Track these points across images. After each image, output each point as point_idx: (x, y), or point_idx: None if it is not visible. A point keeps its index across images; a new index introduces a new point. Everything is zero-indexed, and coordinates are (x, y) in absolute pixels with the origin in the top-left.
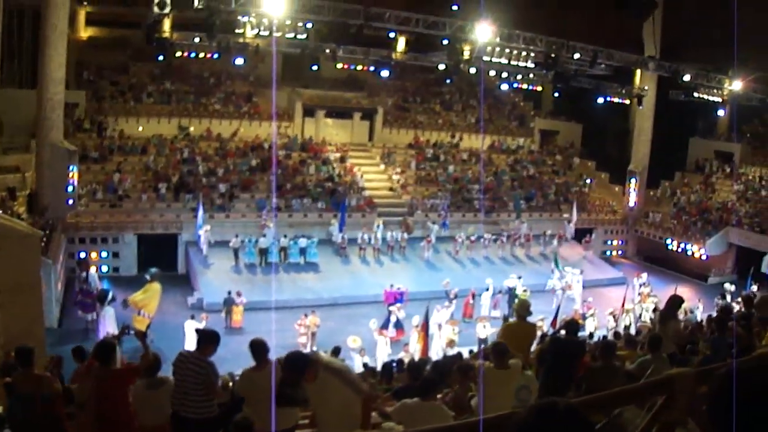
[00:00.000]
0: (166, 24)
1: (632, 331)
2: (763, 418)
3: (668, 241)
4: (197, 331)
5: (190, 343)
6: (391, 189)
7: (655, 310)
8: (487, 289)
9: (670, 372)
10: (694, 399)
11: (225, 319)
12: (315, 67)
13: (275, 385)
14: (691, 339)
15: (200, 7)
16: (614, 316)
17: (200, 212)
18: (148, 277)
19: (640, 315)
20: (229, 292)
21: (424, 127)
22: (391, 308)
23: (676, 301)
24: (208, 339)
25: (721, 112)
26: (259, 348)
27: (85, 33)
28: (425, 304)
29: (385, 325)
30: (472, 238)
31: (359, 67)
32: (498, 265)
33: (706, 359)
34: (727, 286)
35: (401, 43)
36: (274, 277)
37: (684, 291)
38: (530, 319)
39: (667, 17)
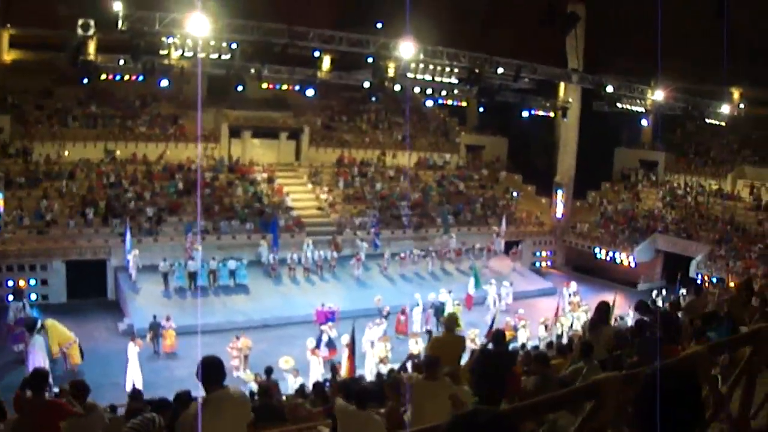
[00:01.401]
0: (91, 46)
1: (564, 340)
2: (683, 418)
3: (596, 250)
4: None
5: (133, 369)
6: (319, 208)
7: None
8: (418, 305)
9: (597, 377)
10: (623, 403)
11: (153, 344)
12: (240, 88)
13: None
14: (620, 344)
15: (124, 29)
16: (546, 326)
17: (128, 237)
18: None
19: (572, 324)
20: (155, 317)
21: (351, 146)
22: (323, 328)
23: (603, 308)
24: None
25: (644, 122)
26: (212, 369)
27: (8, 56)
28: (357, 322)
29: (317, 345)
30: (401, 255)
31: (284, 87)
32: (428, 280)
33: (634, 363)
34: (656, 292)
35: (326, 62)
36: (204, 301)
37: (613, 298)
38: (463, 332)
39: (589, 30)
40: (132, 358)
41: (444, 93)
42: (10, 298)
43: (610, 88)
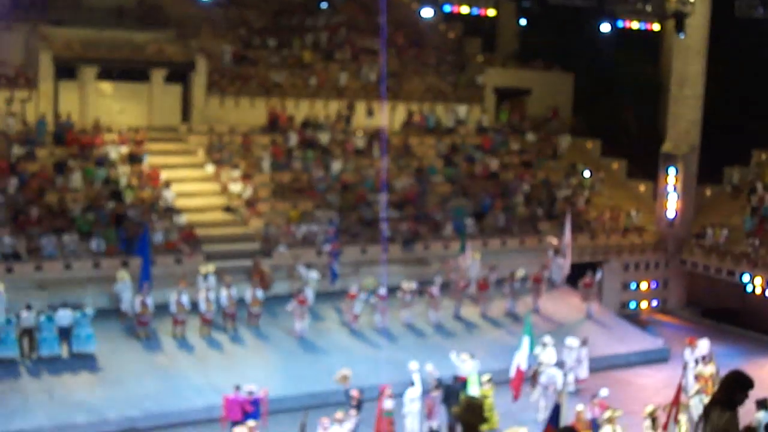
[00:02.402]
0: None
1: None
2: None
3: (745, 279)
4: None
5: None
6: (228, 209)
7: None
8: (413, 385)
9: None
10: None
11: None
12: None
13: None
14: None
15: None
16: (654, 420)
17: None
18: None
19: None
20: None
21: (285, 94)
22: (238, 431)
23: (732, 382)
24: None
25: None
26: None
27: None
28: (301, 416)
29: None
30: (380, 293)
31: None
32: (431, 337)
33: None
34: None
35: None
36: (13, 386)
37: None
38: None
39: None
40: None
41: None
42: None
43: None
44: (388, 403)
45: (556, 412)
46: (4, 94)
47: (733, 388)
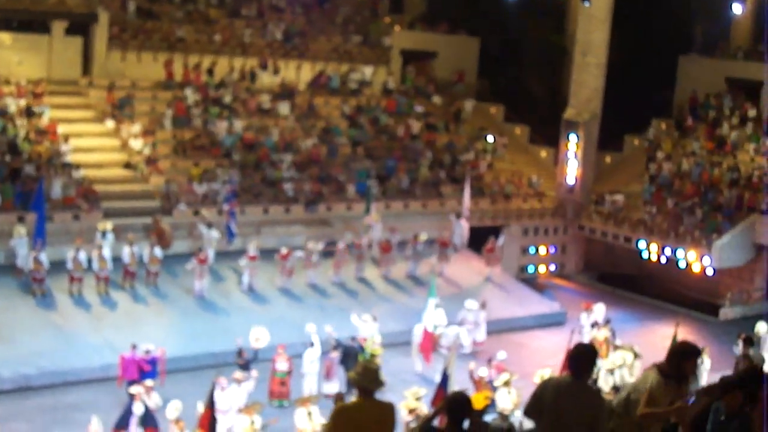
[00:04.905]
0: None
1: None
2: None
3: (641, 245)
4: None
5: None
6: (127, 165)
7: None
8: (312, 345)
9: None
10: None
11: None
12: None
13: None
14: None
15: None
16: None
17: None
18: None
19: (596, 380)
20: None
21: (188, 49)
22: (134, 390)
23: (682, 354)
24: None
25: (737, 8)
26: None
27: None
28: (202, 376)
29: (123, 424)
30: (282, 251)
31: None
32: (333, 297)
33: None
34: (760, 326)
35: None
36: None
37: (673, 331)
38: (387, 394)
39: None
40: None
41: None
42: None
43: None
44: (280, 364)
45: (445, 375)
46: None
47: (679, 360)
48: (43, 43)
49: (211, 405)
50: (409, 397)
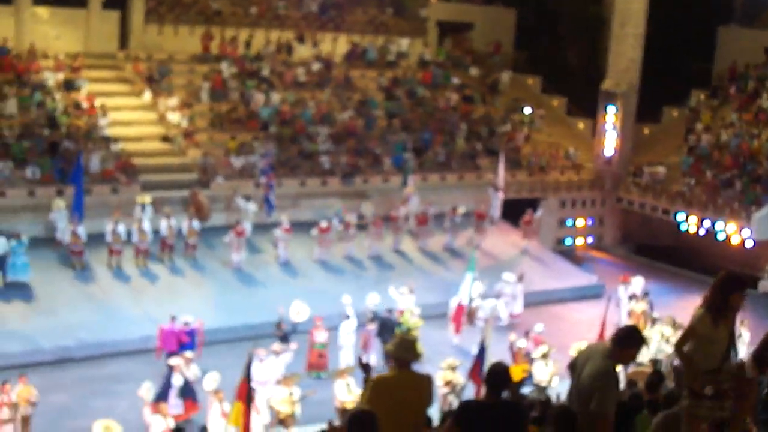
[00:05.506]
0: None
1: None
2: None
3: (679, 218)
4: None
5: None
6: (165, 139)
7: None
8: (348, 318)
9: None
10: None
11: None
12: None
13: None
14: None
15: None
16: None
17: None
18: None
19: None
20: None
21: (225, 22)
22: (173, 362)
23: (728, 282)
24: None
25: None
26: None
27: None
28: (240, 348)
29: (162, 395)
30: (322, 224)
31: None
32: (368, 270)
33: None
34: None
35: None
36: None
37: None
38: (425, 366)
39: None
40: None
41: None
42: None
43: None
44: (319, 336)
45: (482, 347)
46: None
47: (723, 292)
48: (80, 17)
49: (248, 376)
50: (444, 367)
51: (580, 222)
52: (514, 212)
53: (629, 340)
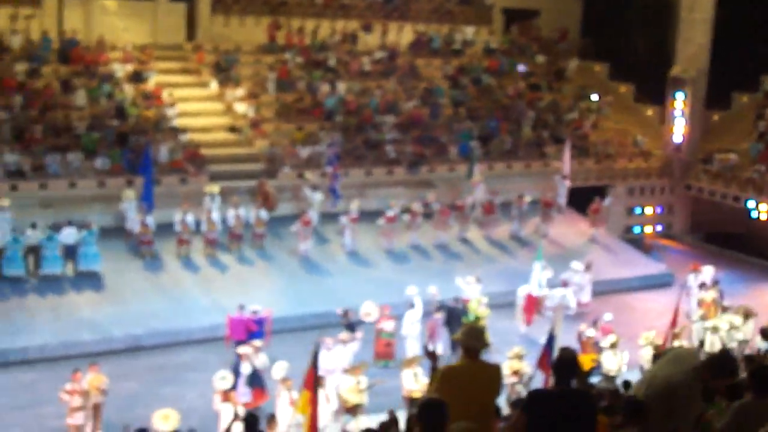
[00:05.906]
0: None
1: None
2: None
3: (750, 205)
4: None
5: None
6: (232, 129)
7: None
8: (414, 306)
9: None
10: None
11: None
12: None
13: None
14: None
15: None
16: (656, 347)
17: None
18: None
19: (703, 342)
20: None
21: (291, 13)
22: (242, 350)
23: None
24: None
25: None
26: None
27: None
28: (308, 336)
29: (231, 384)
30: (389, 213)
31: None
32: (435, 259)
33: None
34: None
35: None
36: (19, 305)
37: None
38: (493, 355)
39: None
40: None
41: None
42: None
43: None
44: (386, 325)
45: (551, 336)
46: (8, 11)
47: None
48: (148, 9)
49: (315, 365)
50: (511, 357)
51: (649, 210)
52: (582, 200)
53: (721, 370)
